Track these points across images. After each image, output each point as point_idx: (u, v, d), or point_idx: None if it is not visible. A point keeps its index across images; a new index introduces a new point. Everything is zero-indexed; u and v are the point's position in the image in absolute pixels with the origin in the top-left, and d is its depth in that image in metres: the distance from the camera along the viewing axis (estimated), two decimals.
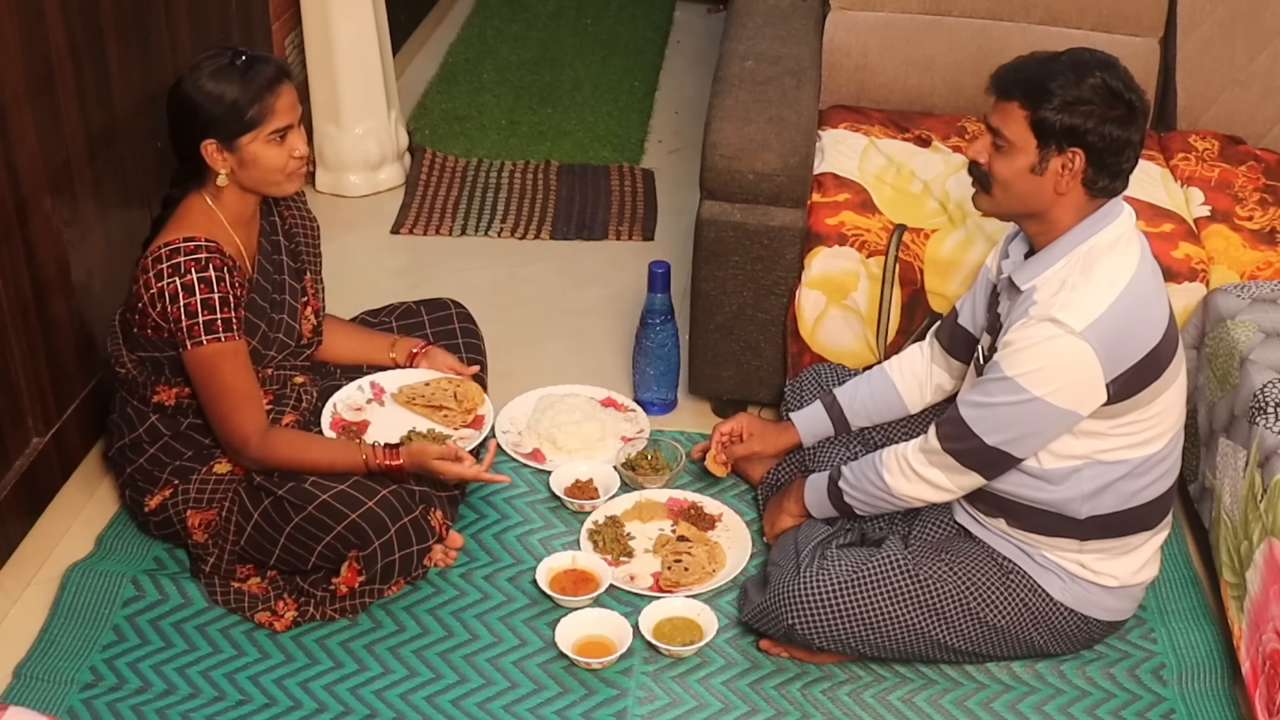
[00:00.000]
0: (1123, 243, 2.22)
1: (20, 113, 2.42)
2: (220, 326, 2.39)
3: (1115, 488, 2.28)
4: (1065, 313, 2.15)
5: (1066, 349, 2.15)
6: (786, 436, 2.71)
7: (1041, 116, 2.16)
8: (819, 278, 2.85)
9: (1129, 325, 2.18)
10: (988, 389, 2.23)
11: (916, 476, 2.32)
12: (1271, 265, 2.80)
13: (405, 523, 2.42)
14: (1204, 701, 2.40)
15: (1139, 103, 2.18)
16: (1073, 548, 2.33)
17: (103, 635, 2.47)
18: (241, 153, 2.41)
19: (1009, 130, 2.20)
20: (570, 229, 3.84)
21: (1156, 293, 2.25)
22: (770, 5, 3.38)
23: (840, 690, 2.41)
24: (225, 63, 2.39)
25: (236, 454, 2.49)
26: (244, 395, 2.45)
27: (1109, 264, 2.19)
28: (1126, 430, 2.24)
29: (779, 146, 2.82)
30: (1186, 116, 3.31)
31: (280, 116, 2.41)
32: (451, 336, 2.89)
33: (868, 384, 2.64)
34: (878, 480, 2.37)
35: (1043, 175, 2.20)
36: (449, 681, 2.41)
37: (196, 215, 2.45)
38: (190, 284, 2.37)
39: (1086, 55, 2.19)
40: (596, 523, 2.71)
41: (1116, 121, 2.15)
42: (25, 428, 2.57)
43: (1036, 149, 2.18)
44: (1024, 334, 2.19)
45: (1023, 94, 2.18)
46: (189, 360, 2.43)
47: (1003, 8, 3.34)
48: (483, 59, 4.85)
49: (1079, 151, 2.16)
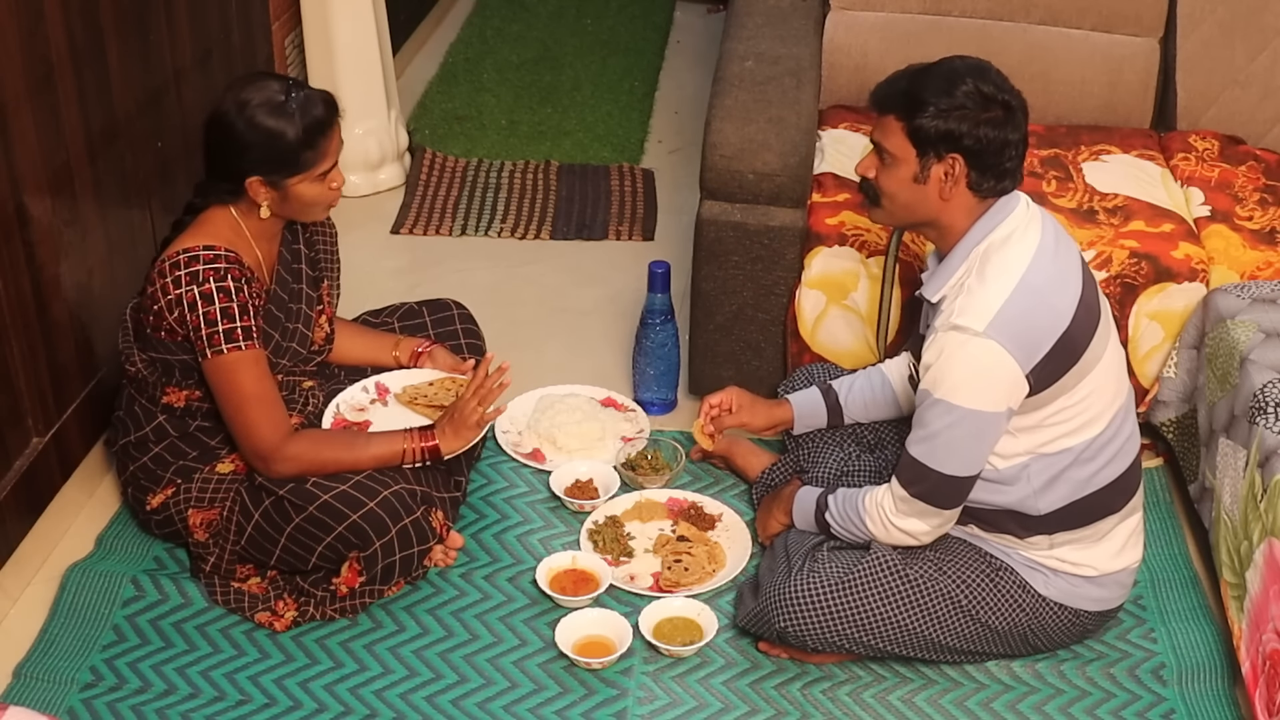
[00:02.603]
0: (1017, 235, 2.24)
1: (20, 113, 2.41)
2: (240, 335, 2.38)
3: (1065, 477, 2.29)
4: (964, 317, 2.18)
5: (975, 352, 2.17)
6: (778, 412, 2.72)
7: (917, 126, 2.22)
8: (819, 278, 2.85)
9: (1030, 315, 2.19)
10: (924, 419, 2.25)
11: (896, 530, 2.33)
12: (1271, 265, 2.80)
13: (406, 523, 2.42)
14: (1204, 701, 2.40)
15: (1015, 102, 2.22)
16: (1044, 544, 2.34)
17: (103, 635, 2.47)
18: (286, 190, 2.41)
19: (889, 143, 2.27)
20: (570, 229, 3.84)
21: (1059, 277, 2.24)
22: (770, 5, 3.38)
23: (840, 690, 2.41)
24: (280, 100, 2.35)
25: (264, 463, 2.43)
26: (267, 402, 2.43)
27: (1001, 260, 2.22)
28: (1059, 419, 2.26)
29: (779, 146, 2.82)
30: (1186, 116, 3.31)
31: (330, 158, 2.41)
32: (453, 337, 2.89)
33: (866, 379, 2.66)
34: (861, 525, 2.38)
35: (926, 183, 2.25)
36: (449, 681, 2.41)
37: (221, 226, 2.44)
38: (209, 293, 2.36)
39: (958, 63, 2.24)
40: (596, 523, 2.71)
41: (992, 124, 2.19)
42: (25, 428, 2.57)
43: (916, 158, 2.24)
44: (934, 350, 2.22)
45: (898, 107, 2.25)
46: (209, 370, 2.41)
47: (1003, 8, 3.34)
48: (483, 59, 4.85)
49: (957, 157, 2.21)
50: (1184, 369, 2.79)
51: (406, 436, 2.51)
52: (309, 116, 2.37)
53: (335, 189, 2.46)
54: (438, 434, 2.52)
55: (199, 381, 2.48)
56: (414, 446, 2.51)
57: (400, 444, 2.50)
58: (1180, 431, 2.81)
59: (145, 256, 2.89)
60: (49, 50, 2.48)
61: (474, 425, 2.52)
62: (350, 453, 2.47)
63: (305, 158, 2.37)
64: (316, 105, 2.39)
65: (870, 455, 2.66)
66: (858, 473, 2.62)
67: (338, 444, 2.49)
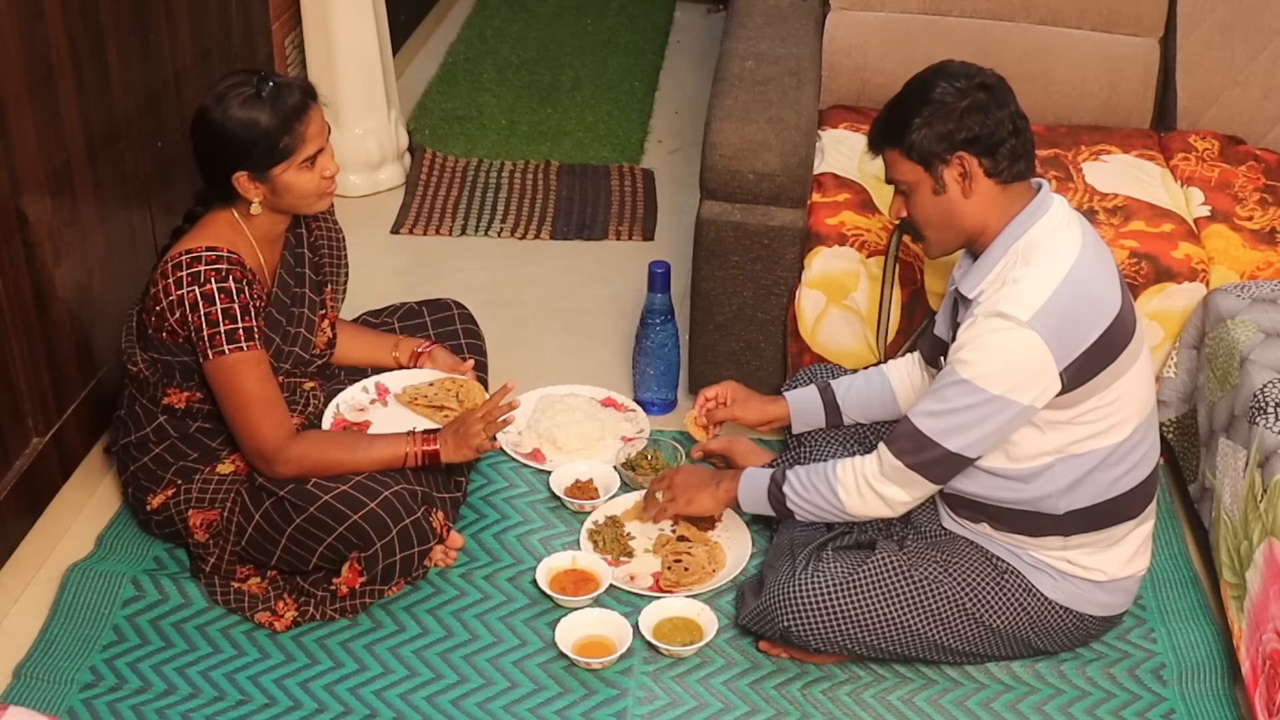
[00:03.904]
0: (1060, 231, 2.23)
1: (20, 113, 2.41)
2: (241, 336, 2.38)
3: (1089, 480, 2.28)
4: (1010, 305, 2.16)
5: (1016, 341, 2.15)
6: (773, 409, 2.72)
7: (910, 144, 2.24)
8: (819, 278, 2.85)
9: (1076, 310, 2.17)
10: (944, 395, 2.22)
11: (874, 494, 2.30)
12: (1271, 265, 2.80)
13: (407, 524, 2.42)
14: (1204, 701, 2.40)
15: (989, 79, 2.24)
16: (1057, 545, 2.33)
17: (103, 635, 2.47)
18: (274, 182, 2.41)
19: (899, 174, 2.29)
20: (570, 229, 3.84)
21: (1104, 274, 2.24)
22: (770, 5, 3.38)
23: (840, 690, 2.41)
24: (251, 92, 2.36)
25: (267, 463, 2.43)
26: (269, 403, 2.43)
27: (1048, 252, 2.20)
28: (1088, 419, 2.24)
29: (779, 146, 2.82)
30: (1186, 116, 3.31)
31: (311, 143, 2.41)
32: (454, 337, 2.89)
33: (865, 380, 2.65)
34: (830, 495, 2.33)
35: (945, 191, 2.25)
36: (449, 681, 2.41)
37: (222, 227, 2.45)
38: (210, 293, 2.36)
39: (922, 74, 2.27)
40: (596, 523, 2.71)
41: (975, 108, 2.21)
42: (25, 428, 2.57)
43: (926, 174, 2.25)
44: (971, 332, 2.19)
45: (888, 139, 2.29)
46: (210, 370, 2.41)
47: (1003, 8, 3.34)
48: (483, 59, 4.85)
49: (961, 153, 2.21)
50: (1184, 369, 2.79)
51: (409, 440, 2.51)
52: (282, 103, 2.37)
53: (328, 177, 2.45)
54: (440, 441, 2.52)
55: (200, 383, 2.48)
56: (415, 450, 2.51)
57: (403, 447, 2.51)
58: (1180, 431, 2.81)
59: (145, 257, 2.90)
60: (49, 50, 2.48)
61: (474, 448, 2.52)
62: (353, 454, 2.47)
63: (284, 144, 2.37)
64: (291, 92, 2.39)
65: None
66: None
67: (340, 445, 2.49)
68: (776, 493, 2.40)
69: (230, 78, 2.42)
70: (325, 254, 2.67)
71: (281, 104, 2.37)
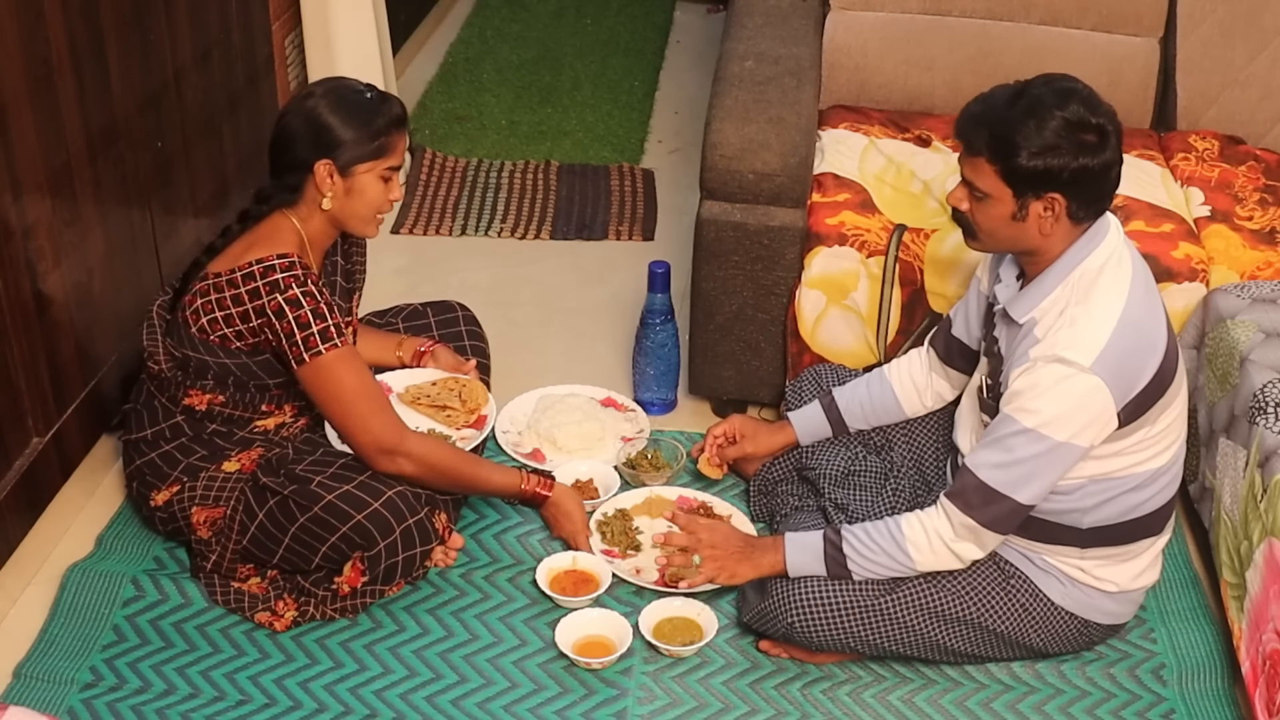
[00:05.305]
0: (1114, 262, 2.20)
1: (20, 113, 2.41)
2: (334, 333, 2.38)
3: (1120, 500, 2.28)
4: (1071, 350, 2.13)
5: (1080, 387, 2.12)
6: (781, 436, 2.71)
7: (1012, 168, 2.14)
8: (819, 278, 2.85)
9: (1133, 350, 2.16)
10: (1008, 445, 2.18)
11: (948, 552, 2.26)
12: (1271, 265, 2.80)
13: (410, 524, 2.42)
14: (1204, 701, 2.40)
15: (1108, 124, 2.14)
16: (1074, 554, 2.33)
17: (103, 635, 2.47)
18: (353, 180, 2.41)
19: (982, 183, 2.20)
20: (570, 229, 3.85)
21: (1154, 309, 2.23)
22: (770, 5, 3.38)
23: (840, 690, 2.41)
24: (358, 90, 2.42)
25: (389, 457, 2.41)
26: (375, 395, 2.44)
27: (1103, 289, 2.17)
28: (1138, 447, 2.24)
29: (779, 146, 2.82)
30: (1186, 116, 3.31)
31: (398, 156, 2.44)
32: (458, 339, 2.89)
33: (866, 387, 2.65)
34: (900, 555, 2.28)
35: (1025, 220, 2.19)
36: (449, 681, 2.41)
37: (287, 234, 2.45)
38: (295, 298, 2.36)
39: (1043, 92, 2.14)
40: (606, 515, 2.71)
41: (1089, 152, 2.12)
42: (25, 428, 2.57)
43: (1013, 199, 2.17)
44: (1031, 379, 2.15)
45: (988, 149, 2.16)
46: (308, 375, 2.40)
47: (1003, 8, 3.34)
48: (483, 59, 4.85)
49: (1057, 195, 2.15)
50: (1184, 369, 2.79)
51: (525, 478, 2.61)
52: (389, 108, 2.43)
53: (393, 200, 2.47)
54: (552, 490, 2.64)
55: (231, 385, 2.48)
56: (530, 488, 2.61)
57: (518, 482, 2.59)
58: None
59: (145, 257, 2.90)
60: (49, 50, 2.48)
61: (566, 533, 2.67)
62: (470, 466, 2.54)
63: (380, 143, 2.40)
64: (395, 105, 2.45)
65: (876, 456, 2.65)
66: (863, 473, 2.61)
67: (460, 454, 2.54)
68: (835, 554, 2.32)
69: (335, 78, 2.50)
70: (356, 261, 2.69)
71: (388, 108, 2.42)
